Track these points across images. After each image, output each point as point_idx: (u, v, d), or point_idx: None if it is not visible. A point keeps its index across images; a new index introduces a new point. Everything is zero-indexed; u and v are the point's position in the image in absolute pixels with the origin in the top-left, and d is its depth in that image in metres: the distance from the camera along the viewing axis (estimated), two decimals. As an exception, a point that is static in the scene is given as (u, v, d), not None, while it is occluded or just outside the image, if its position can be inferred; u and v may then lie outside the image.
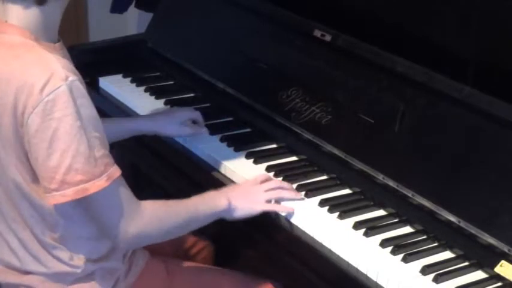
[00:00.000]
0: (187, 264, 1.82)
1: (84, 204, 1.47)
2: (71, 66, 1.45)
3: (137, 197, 1.52)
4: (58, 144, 1.39)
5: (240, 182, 1.80)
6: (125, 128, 1.93)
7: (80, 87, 1.42)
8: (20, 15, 1.47)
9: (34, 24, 1.47)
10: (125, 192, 1.49)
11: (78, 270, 1.57)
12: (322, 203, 1.73)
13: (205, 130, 1.99)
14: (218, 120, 2.08)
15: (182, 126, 1.95)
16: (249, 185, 1.74)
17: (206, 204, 1.65)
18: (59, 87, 1.38)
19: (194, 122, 2.00)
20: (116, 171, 1.46)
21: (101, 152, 1.44)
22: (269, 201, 1.71)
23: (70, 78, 1.40)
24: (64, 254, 1.55)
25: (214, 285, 1.78)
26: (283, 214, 1.71)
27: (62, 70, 1.40)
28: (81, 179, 1.41)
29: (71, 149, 1.40)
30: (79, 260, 1.57)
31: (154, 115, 2.01)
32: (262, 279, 1.81)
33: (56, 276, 1.57)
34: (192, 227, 1.65)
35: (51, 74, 1.39)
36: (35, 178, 1.47)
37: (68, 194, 1.42)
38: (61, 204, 1.46)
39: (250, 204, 1.69)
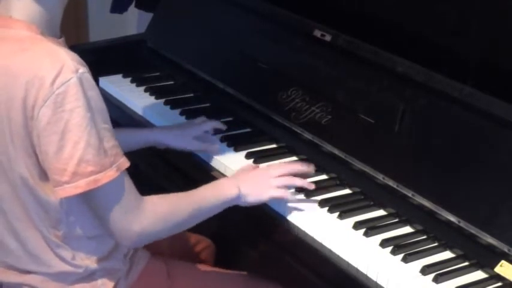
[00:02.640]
0: (188, 265, 1.82)
1: (90, 199, 1.47)
2: (79, 58, 1.45)
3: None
4: (70, 136, 1.39)
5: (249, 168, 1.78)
6: (136, 139, 1.91)
7: (90, 79, 1.42)
8: (23, 11, 1.47)
9: (38, 19, 1.47)
10: (130, 187, 1.49)
11: (80, 270, 1.57)
12: (322, 203, 1.74)
13: (216, 147, 1.95)
14: (218, 120, 2.08)
15: (194, 141, 1.92)
16: (258, 170, 1.73)
17: (215, 194, 1.63)
18: (69, 80, 1.38)
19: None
20: (125, 162, 1.47)
21: (111, 143, 1.44)
22: (279, 188, 1.69)
23: (80, 70, 1.40)
24: (67, 253, 1.55)
25: (215, 287, 1.78)
26: (284, 214, 1.71)
27: (71, 62, 1.40)
28: (93, 170, 1.41)
29: (82, 141, 1.40)
30: (81, 260, 1.57)
31: (167, 127, 1.99)
32: (264, 281, 1.81)
33: (58, 276, 1.57)
34: (202, 217, 1.62)
35: (62, 66, 1.39)
36: (42, 173, 1.47)
37: (80, 186, 1.42)
38: (68, 199, 1.46)
39: (261, 190, 1.68)
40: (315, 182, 1.82)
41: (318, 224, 1.68)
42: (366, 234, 1.64)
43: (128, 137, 1.87)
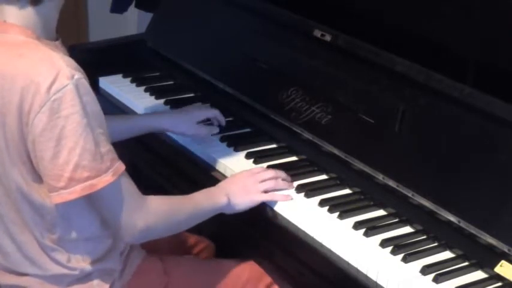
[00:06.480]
0: (184, 260, 1.82)
1: (90, 202, 1.48)
2: (74, 63, 1.45)
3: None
4: (65, 142, 1.40)
5: (236, 173, 1.81)
6: (138, 125, 1.93)
7: (86, 85, 1.43)
8: (17, 15, 1.47)
9: (33, 23, 1.47)
10: (130, 187, 1.50)
11: (76, 272, 1.57)
12: (322, 203, 1.74)
13: (216, 129, 1.99)
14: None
15: (197, 126, 1.95)
16: (245, 177, 1.75)
17: (207, 202, 1.67)
18: (65, 86, 1.38)
19: (208, 120, 2.01)
20: (121, 166, 1.47)
21: (107, 147, 1.45)
22: (266, 192, 1.73)
23: (76, 76, 1.40)
24: (62, 256, 1.55)
25: (212, 282, 1.78)
26: (283, 214, 1.71)
27: (67, 68, 1.40)
28: (89, 176, 1.42)
29: (78, 147, 1.40)
30: (77, 262, 1.57)
31: (168, 112, 2.01)
32: (262, 272, 1.81)
33: (53, 278, 1.57)
34: (193, 222, 1.67)
35: (57, 72, 1.39)
36: (36, 178, 1.47)
37: (76, 191, 1.42)
38: (64, 204, 1.46)
39: (249, 197, 1.71)
40: (315, 182, 1.82)
41: (318, 224, 1.68)
42: (366, 234, 1.64)
43: (122, 124, 1.88)
